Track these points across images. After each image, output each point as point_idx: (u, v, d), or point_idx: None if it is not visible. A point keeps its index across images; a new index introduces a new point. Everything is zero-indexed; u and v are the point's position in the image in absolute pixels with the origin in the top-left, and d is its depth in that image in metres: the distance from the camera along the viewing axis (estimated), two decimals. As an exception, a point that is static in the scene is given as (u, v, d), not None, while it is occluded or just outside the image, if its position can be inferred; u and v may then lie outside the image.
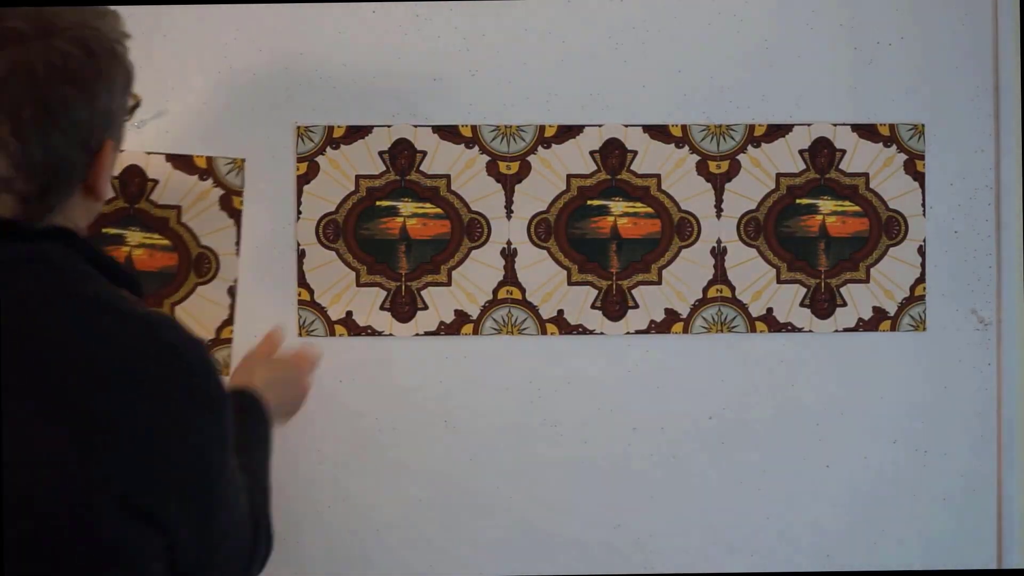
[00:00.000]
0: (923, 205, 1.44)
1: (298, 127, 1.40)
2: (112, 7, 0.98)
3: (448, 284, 1.41)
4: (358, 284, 1.41)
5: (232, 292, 1.35)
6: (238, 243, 1.36)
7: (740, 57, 1.42)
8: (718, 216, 1.43)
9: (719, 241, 1.43)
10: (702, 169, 1.43)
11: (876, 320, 1.43)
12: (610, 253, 1.42)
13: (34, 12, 0.90)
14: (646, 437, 1.42)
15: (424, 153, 1.41)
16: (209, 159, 1.34)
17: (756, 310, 1.43)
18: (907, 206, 1.44)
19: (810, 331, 1.43)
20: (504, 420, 1.42)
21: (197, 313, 1.33)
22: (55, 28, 0.90)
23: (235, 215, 1.35)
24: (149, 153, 1.35)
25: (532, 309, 1.42)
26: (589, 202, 1.42)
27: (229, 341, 1.35)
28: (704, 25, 1.42)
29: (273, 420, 1.19)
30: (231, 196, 1.34)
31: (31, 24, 0.89)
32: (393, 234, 1.41)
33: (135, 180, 1.34)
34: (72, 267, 0.91)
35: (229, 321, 1.34)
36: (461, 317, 1.41)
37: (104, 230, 1.34)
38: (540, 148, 1.42)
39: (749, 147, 1.43)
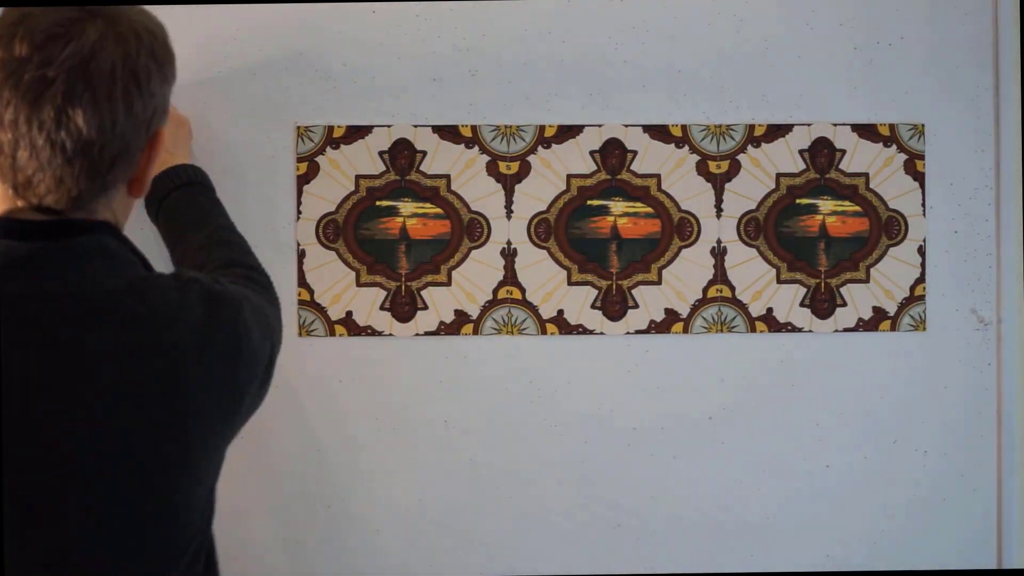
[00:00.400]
0: (923, 205, 1.44)
1: (298, 127, 1.40)
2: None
3: (448, 284, 1.41)
4: (358, 284, 1.41)
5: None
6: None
7: (740, 57, 1.42)
8: (718, 216, 1.43)
9: (719, 241, 1.43)
10: (702, 169, 1.43)
11: (876, 320, 1.43)
12: (610, 253, 1.42)
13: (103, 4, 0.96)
14: (646, 437, 1.42)
15: (424, 153, 1.41)
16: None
17: (756, 310, 1.43)
18: (907, 206, 1.44)
19: (810, 331, 1.43)
20: (504, 420, 1.42)
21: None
22: (127, 14, 0.95)
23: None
24: None
25: (532, 309, 1.42)
26: (589, 202, 1.42)
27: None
28: (704, 25, 1.42)
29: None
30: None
31: (108, 7, 0.94)
32: (393, 234, 1.41)
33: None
34: (125, 256, 0.97)
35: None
36: (461, 317, 1.41)
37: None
38: (540, 148, 1.42)
39: (749, 147, 1.43)
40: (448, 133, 1.41)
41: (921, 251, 1.44)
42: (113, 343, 0.91)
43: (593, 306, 1.42)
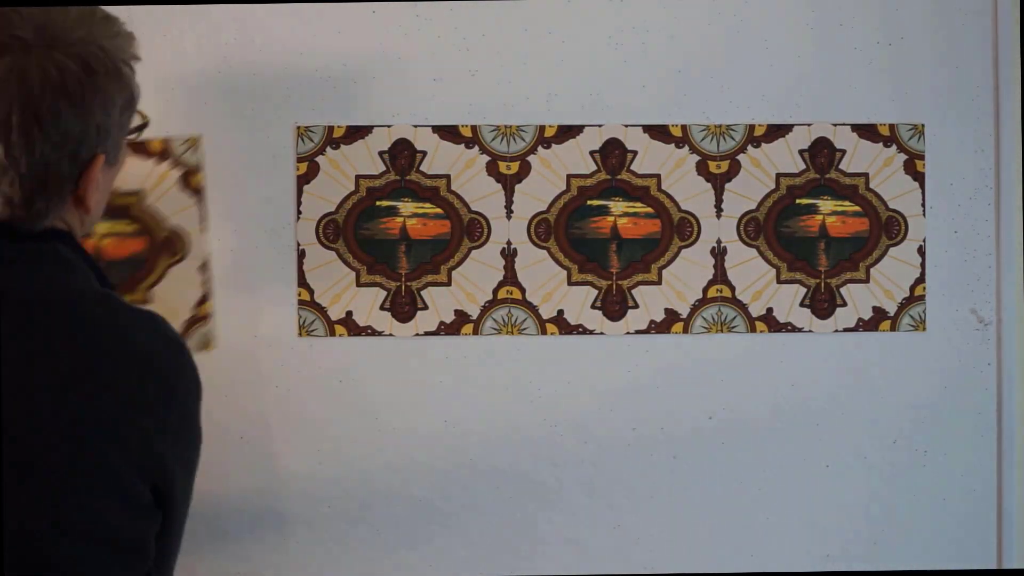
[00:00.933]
0: (923, 205, 1.44)
1: (298, 127, 1.40)
2: (105, 10, 0.99)
3: (448, 284, 1.41)
4: (358, 284, 1.41)
5: (204, 268, 1.34)
6: (203, 220, 1.35)
7: (740, 57, 1.42)
8: (718, 216, 1.43)
9: (719, 241, 1.43)
10: (702, 169, 1.43)
11: (876, 320, 1.43)
12: (610, 253, 1.42)
13: (43, 21, 0.92)
14: (646, 437, 1.42)
15: (424, 153, 1.41)
16: (164, 140, 1.34)
17: (756, 310, 1.43)
18: (907, 206, 1.44)
19: (810, 331, 1.43)
20: (504, 420, 1.42)
21: (172, 293, 1.33)
22: (59, 41, 0.92)
23: (197, 193, 1.34)
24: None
25: (532, 309, 1.42)
26: (589, 202, 1.42)
27: (206, 318, 1.34)
28: (704, 25, 1.42)
29: None
30: (190, 175, 1.34)
31: (37, 35, 0.92)
32: (393, 234, 1.41)
33: None
34: (79, 265, 0.96)
35: (206, 298, 1.34)
36: (461, 317, 1.41)
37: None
38: (540, 148, 1.42)
39: (749, 147, 1.43)
40: (448, 133, 1.41)
41: (921, 251, 1.44)
42: (47, 350, 0.89)
43: (593, 306, 1.42)
